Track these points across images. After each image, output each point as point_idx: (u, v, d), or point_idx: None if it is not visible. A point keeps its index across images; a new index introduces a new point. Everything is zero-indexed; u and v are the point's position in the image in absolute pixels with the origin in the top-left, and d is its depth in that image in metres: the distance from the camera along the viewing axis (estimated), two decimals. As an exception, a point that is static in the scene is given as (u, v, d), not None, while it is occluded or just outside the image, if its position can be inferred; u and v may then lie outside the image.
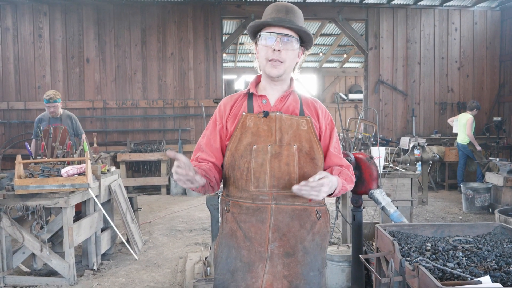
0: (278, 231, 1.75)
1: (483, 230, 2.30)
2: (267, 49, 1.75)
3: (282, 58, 1.74)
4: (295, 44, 1.76)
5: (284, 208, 1.73)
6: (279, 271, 1.74)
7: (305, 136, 1.78)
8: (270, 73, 1.77)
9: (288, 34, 1.74)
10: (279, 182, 1.73)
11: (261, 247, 1.75)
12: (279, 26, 1.73)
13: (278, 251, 1.75)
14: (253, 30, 1.81)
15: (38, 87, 8.32)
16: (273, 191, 1.73)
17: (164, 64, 8.68)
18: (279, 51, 1.73)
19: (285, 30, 1.74)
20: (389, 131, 9.22)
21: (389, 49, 9.19)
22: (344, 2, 8.90)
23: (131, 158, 7.98)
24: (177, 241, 5.21)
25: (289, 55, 1.75)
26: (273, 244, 1.75)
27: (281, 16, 1.75)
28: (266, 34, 1.75)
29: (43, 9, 8.37)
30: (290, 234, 1.76)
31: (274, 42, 1.73)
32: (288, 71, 1.81)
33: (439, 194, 7.99)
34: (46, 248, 3.74)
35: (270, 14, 1.79)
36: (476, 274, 1.69)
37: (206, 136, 1.87)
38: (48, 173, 3.73)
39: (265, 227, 1.74)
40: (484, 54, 9.48)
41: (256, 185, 1.74)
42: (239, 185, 1.77)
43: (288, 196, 1.73)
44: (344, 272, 3.34)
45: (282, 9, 1.77)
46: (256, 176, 1.73)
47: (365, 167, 2.90)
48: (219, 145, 1.85)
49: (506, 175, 6.10)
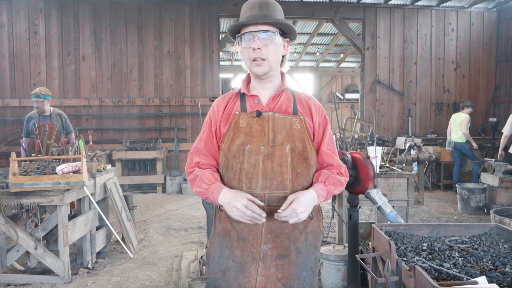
0: (271, 232, 1.73)
1: (479, 230, 2.30)
2: (248, 49, 1.73)
3: (264, 56, 1.71)
4: (274, 38, 1.72)
5: (276, 209, 1.71)
6: (272, 273, 1.73)
7: (298, 136, 1.76)
8: (256, 72, 1.75)
9: (265, 30, 1.70)
10: (271, 183, 1.71)
11: (253, 248, 1.74)
12: (255, 24, 1.70)
13: (272, 253, 1.74)
14: (232, 33, 1.79)
15: (33, 84, 8.26)
16: (265, 192, 1.72)
17: (161, 62, 8.65)
18: (259, 49, 1.70)
19: (261, 27, 1.71)
20: (385, 131, 9.24)
21: (386, 49, 9.20)
22: (341, 1, 8.91)
23: (126, 156, 7.95)
24: (172, 239, 5.19)
25: (270, 51, 1.72)
26: (266, 246, 1.74)
27: (255, 13, 1.72)
28: (244, 35, 1.72)
29: (39, 6, 8.32)
30: (283, 236, 1.75)
31: (253, 41, 1.70)
32: (274, 67, 1.77)
33: (434, 194, 8.02)
34: (40, 246, 3.72)
35: (244, 14, 1.76)
36: (472, 275, 1.69)
37: (204, 140, 1.84)
38: (43, 171, 3.71)
39: (257, 228, 1.73)
40: (480, 55, 9.52)
41: (248, 186, 1.72)
42: (232, 186, 1.75)
43: (281, 197, 1.71)
44: (340, 272, 3.34)
45: (255, 6, 1.74)
46: (249, 177, 1.72)
47: (361, 166, 2.90)
48: (216, 147, 1.83)
49: (501, 175, 6.12)
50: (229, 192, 1.67)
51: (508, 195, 6.16)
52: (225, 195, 1.67)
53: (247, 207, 1.60)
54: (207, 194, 1.73)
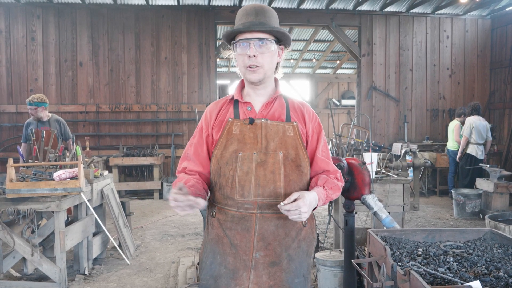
0: (263, 240, 1.73)
1: (474, 235, 2.33)
2: (243, 56, 1.71)
3: (260, 63, 1.70)
4: (270, 45, 1.71)
5: (269, 217, 1.70)
6: (264, 281, 1.73)
7: (291, 143, 1.75)
8: (251, 79, 1.74)
9: (261, 38, 1.69)
10: (264, 190, 1.70)
11: (245, 255, 1.73)
12: (251, 31, 1.69)
13: (264, 261, 1.73)
14: (227, 39, 1.77)
15: (30, 90, 8.27)
16: (258, 200, 1.70)
17: (158, 69, 8.68)
18: (255, 57, 1.69)
19: (257, 34, 1.69)
20: (381, 137, 9.29)
21: (382, 56, 9.28)
22: (338, 9, 8.99)
23: (123, 162, 7.95)
24: (169, 245, 5.19)
25: (266, 59, 1.71)
26: (258, 253, 1.73)
27: (251, 20, 1.71)
28: (240, 42, 1.71)
29: (36, 12, 8.34)
30: (276, 243, 1.74)
31: (248, 48, 1.69)
32: (269, 74, 1.77)
33: (430, 200, 8.05)
34: (37, 252, 3.71)
35: (240, 20, 1.74)
36: (467, 279, 1.71)
37: (193, 145, 1.83)
38: (40, 177, 3.71)
39: (250, 236, 1.72)
40: (475, 61, 9.61)
41: (241, 194, 1.71)
42: (224, 193, 1.74)
43: (273, 205, 1.70)
44: (336, 277, 3.35)
45: (251, 12, 1.72)
46: (241, 185, 1.71)
47: (357, 172, 2.92)
48: (206, 153, 1.82)
49: (496, 181, 6.17)
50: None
51: (503, 200, 6.21)
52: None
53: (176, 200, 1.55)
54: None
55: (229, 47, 1.81)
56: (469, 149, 7.20)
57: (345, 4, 8.88)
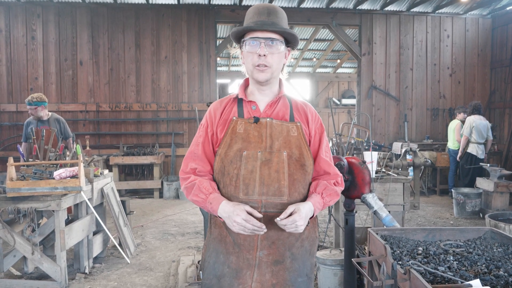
0: (267, 239, 1.73)
1: (474, 234, 2.33)
2: (253, 55, 1.70)
3: (269, 63, 1.70)
4: (280, 46, 1.72)
5: (273, 215, 1.70)
6: (267, 280, 1.73)
7: (295, 143, 1.76)
8: (258, 78, 1.74)
9: (273, 38, 1.69)
10: (268, 189, 1.70)
11: (249, 254, 1.73)
12: (262, 30, 1.68)
13: (267, 259, 1.73)
14: (236, 36, 1.76)
15: (30, 89, 8.27)
16: (262, 199, 1.70)
17: (158, 68, 8.68)
18: (264, 56, 1.69)
19: (269, 34, 1.69)
20: (381, 136, 9.29)
21: (382, 55, 9.27)
22: (338, 8, 8.98)
23: (124, 161, 7.95)
24: (169, 244, 5.19)
25: (275, 59, 1.71)
26: (261, 252, 1.73)
27: (263, 19, 1.70)
28: (250, 40, 1.70)
29: (37, 11, 8.34)
30: (279, 242, 1.74)
31: (258, 47, 1.69)
32: (275, 75, 1.77)
33: (430, 199, 8.05)
34: (37, 251, 3.71)
35: (252, 18, 1.73)
36: (467, 278, 1.71)
37: (201, 144, 1.81)
38: (40, 176, 3.71)
39: (253, 235, 1.72)
40: (475, 61, 9.60)
41: (245, 192, 1.71)
42: (228, 191, 1.73)
43: (277, 204, 1.71)
44: (337, 276, 3.36)
45: (264, 12, 1.72)
46: (246, 183, 1.70)
47: (357, 171, 2.92)
48: (213, 152, 1.82)
49: (496, 180, 6.17)
50: (228, 206, 1.65)
51: (503, 199, 6.21)
52: (224, 209, 1.66)
53: (247, 222, 1.60)
54: (204, 203, 1.72)
55: (236, 44, 1.80)
56: (470, 148, 7.21)
57: (346, 3, 8.88)
